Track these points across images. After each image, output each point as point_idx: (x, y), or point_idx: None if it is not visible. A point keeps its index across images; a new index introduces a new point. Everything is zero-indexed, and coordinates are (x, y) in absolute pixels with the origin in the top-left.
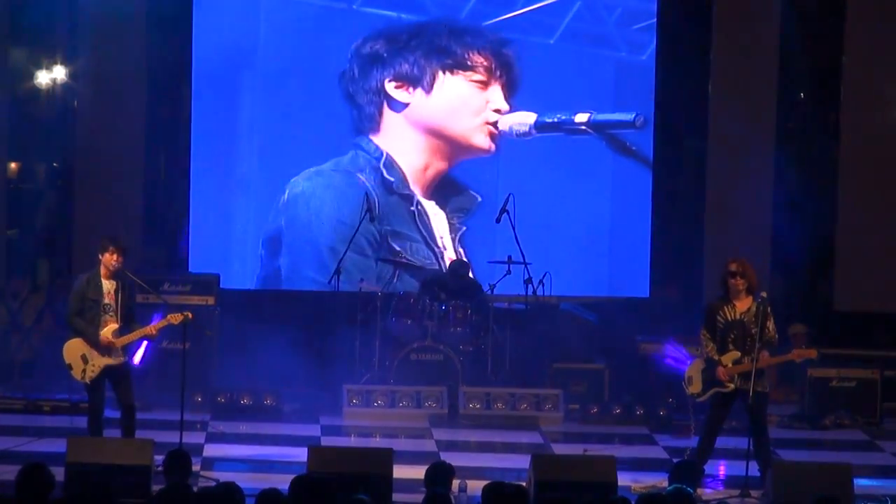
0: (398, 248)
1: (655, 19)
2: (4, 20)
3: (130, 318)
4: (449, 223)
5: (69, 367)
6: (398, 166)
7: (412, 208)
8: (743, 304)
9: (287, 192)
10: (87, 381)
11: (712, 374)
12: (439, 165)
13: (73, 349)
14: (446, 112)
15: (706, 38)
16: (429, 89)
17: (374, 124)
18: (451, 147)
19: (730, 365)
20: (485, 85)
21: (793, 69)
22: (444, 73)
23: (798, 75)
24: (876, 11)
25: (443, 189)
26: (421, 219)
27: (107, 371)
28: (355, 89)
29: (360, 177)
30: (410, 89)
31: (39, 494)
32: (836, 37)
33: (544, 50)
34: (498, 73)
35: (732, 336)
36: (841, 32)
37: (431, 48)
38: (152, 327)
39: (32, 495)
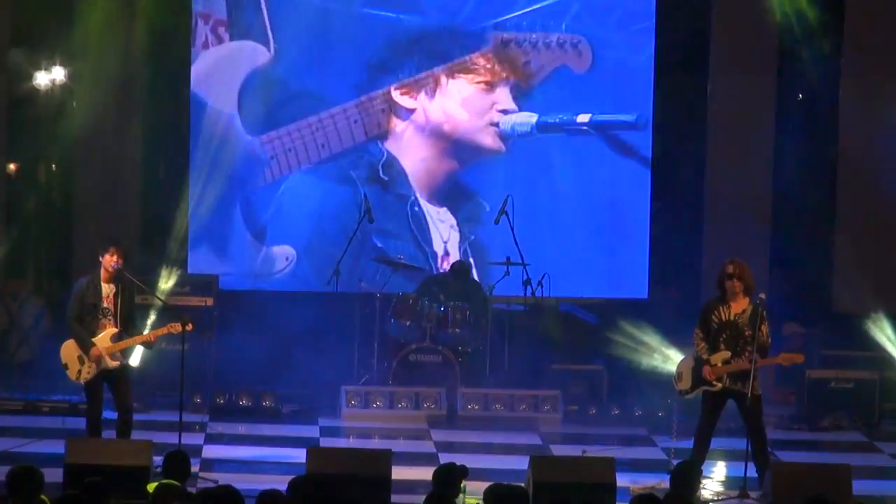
0: (380, 245)
1: (655, 20)
2: (4, 20)
3: (130, 322)
4: (459, 232)
5: (65, 366)
6: (401, 168)
7: (407, 209)
8: (738, 306)
9: (282, 186)
10: (82, 381)
11: (701, 372)
12: (448, 169)
13: (71, 349)
14: (451, 115)
15: (706, 38)
16: (433, 94)
17: (381, 129)
18: (460, 149)
19: (719, 364)
20: (490, 86)
21: (792, 69)
22: (447, 77)
23: (797, 75)
24: (875, 11)
25: (453, 196)
26: (416, 220)
27: (103, 373)
28: (362, 95)
29: (352, 173)
30: (415, 95)
31: (29, 495)
32: (836, 37)
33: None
34: (504, 74)
35: (724, 336)
36: (841, 32)
37: (433, 52)
38: (151, 334)
39: (22, 496)
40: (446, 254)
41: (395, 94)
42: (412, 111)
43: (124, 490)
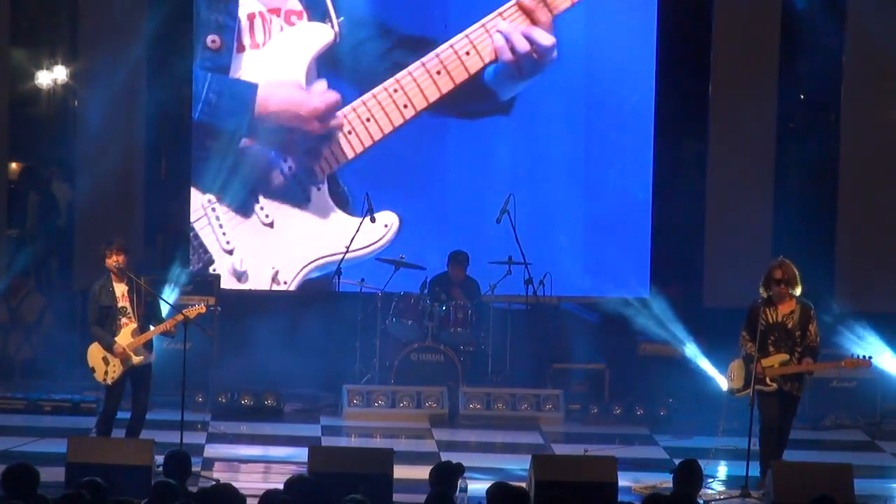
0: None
1: (656, 20)
2: (4, 20)
3: (152, 315)
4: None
5: (92, 370)
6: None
7: None
8: (786, 307)
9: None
10: (110, 382)
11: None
12: None
13: (95, 352)
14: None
15: (706, 38)
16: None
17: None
18: None
19: (776, 366)
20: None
21: (793, 69)
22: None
23: (798, 75)
24: (875, 12)
25: None
26: None
27: (129, 372)
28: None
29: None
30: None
31: (25, 493)
32: (836, 37)
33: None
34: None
35: (773, 338)
36: (841, 32)
37: None
38: (168, 323)
39: (18, 494)
40: None
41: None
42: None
43: (126, 489)
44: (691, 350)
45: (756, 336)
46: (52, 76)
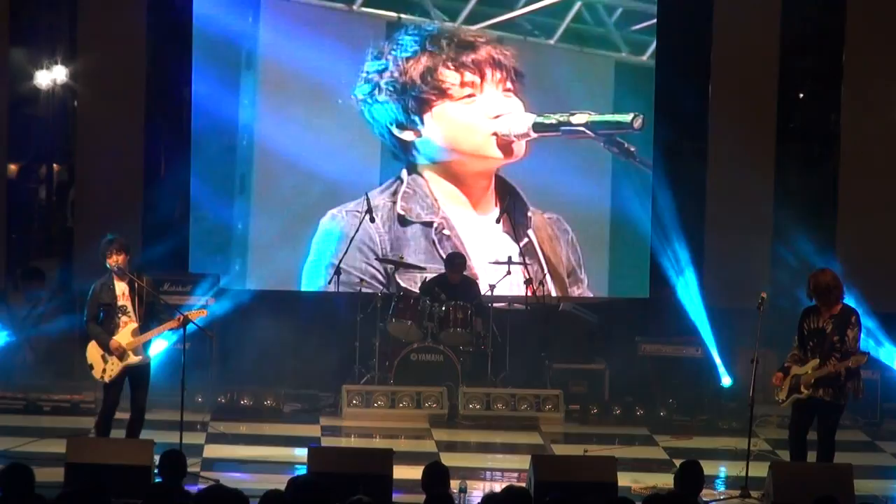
0: (404, 285)
1: (655, 20)
2: (4, 20)
3: (153, 315)
4: (515, 235)
5: (90, 366)
6: (427, 192)
7: (433, 236)
8: (829, 313)
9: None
10: (107, 380)
11: (796, 380)
12: (478, 183)
13: (95, 350)
14: (449, 139)
15: (706, 38)
16: (424, 125)
17: (399, 152)
18: (473, 163)
19: (809, 372)
20: (471, 97)
21: (793, 69)
22: (428, 106)
23: (798, 75)
24: (876, 11)
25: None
26: (442, 244)
27: (127, 371)
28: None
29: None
30: (410, 131)
31: (22, 492)
32: (836, 37)
33: (544, 50)
34: (480, 79)
35: (812, 344)
36: (841, 32)
37: (404, 88)
38: (168, 325)
39: (14, 493)
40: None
41: (396, 132)
42: (414, 143)
43: (125, 490)
44: (691, 350)
45: (804, 345)
46: (52, 76)
